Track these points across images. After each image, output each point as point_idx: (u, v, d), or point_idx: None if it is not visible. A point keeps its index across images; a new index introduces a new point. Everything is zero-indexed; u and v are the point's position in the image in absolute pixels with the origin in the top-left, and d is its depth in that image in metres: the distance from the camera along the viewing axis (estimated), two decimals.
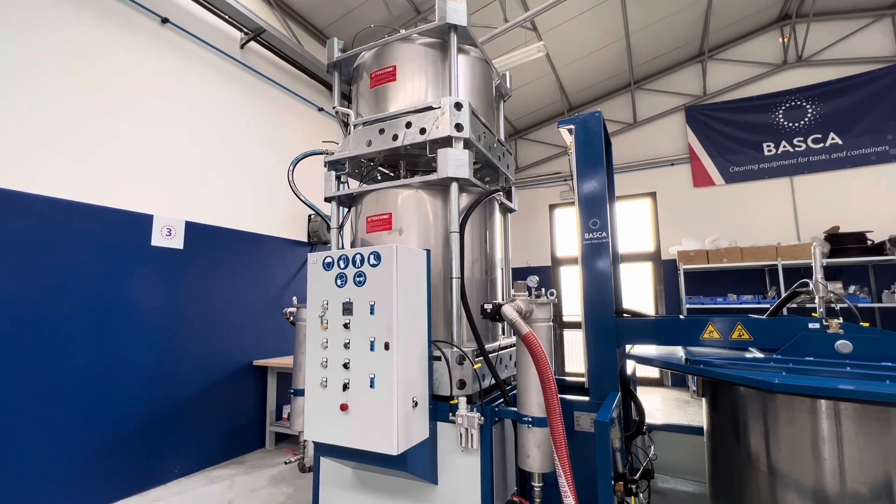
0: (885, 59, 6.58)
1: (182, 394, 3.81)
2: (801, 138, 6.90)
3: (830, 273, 6.01)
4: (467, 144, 2.67)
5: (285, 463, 3.25)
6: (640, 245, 8.00)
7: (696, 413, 5.70)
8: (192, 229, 4.01)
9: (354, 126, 2.96)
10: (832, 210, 6.57)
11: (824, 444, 1.75)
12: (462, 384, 2.41)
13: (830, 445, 1.74)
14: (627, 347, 2.62)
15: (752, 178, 7.16)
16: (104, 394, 3.29)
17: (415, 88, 2.88)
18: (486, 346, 2.59)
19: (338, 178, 3.08)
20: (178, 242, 3.87)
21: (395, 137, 2.74)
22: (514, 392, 2.43)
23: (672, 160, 7.79)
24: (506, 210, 3.47)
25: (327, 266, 2.37)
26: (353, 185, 3.16)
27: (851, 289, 6.00)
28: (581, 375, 2.73)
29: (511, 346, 3.04)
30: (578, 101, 8.68)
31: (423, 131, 2.65)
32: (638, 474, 2.30)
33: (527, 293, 2.38)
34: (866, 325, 2.05)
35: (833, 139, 6.72)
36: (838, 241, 6.04)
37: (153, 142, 3.79)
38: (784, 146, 6.99)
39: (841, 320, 1.97)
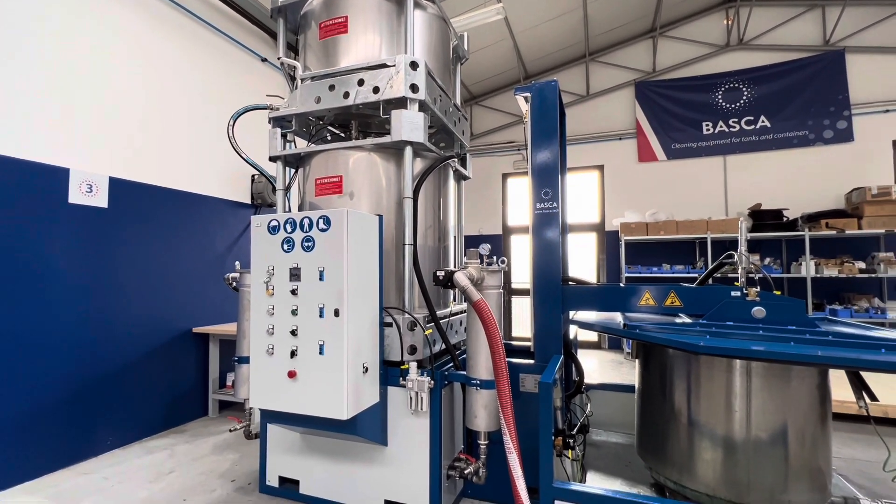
0: (812, 48, 7.06)
1: (113, 363, 3.56)
2: (736, 119, 7.36)
3: (750, 246, 6.61)
4: (422, 107, 2.59)
5: (230, 430, 3.18)
6: (587, 216, 8.32)
7: (628, 373, 6.20)
8: (118, 186, 3.64)
9: (302, 80, 2.76)
10: (757, 188, 7.15)
11: (736, 397, 1.97)
12: (413, 350, 2.44)
13: (741, 399, 1.96)
14: (571, 313, 2.76)
15: (691, 156, 7.57)
16: (21, 364, 3.00)
17: (368, 43, 2.72)
18: (438, 313, 2.62)
19: (284, 136, 2.90)
20: (101, 200, 3.51)
21: (346, 95, 2.59)
22: (464, 356, 2.50)
23: (620, 134, 8.05)
24: (460, 177, 3.45)
25: (273, 230, 2.25)
26: (301, 145, 2.99)
27: (766, 261, 6.65)
28: (527, 339, 2.85)
29: (462, 313, 3.10)
30: (535, 70, 8.64)
31: (376, 90, 2.53)
32: (575, 429, 2.48)
33: (479, 261, 2.41)
34: (778, 293, 2.28)
35: (763, 122, 7.22)
36: (759, 217, 6.62)
37: (67, 87, 3.33)
38: (721, 126, 7.43)
39: (758, 289, 2.18)
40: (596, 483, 2.38)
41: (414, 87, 2.51)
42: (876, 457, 3.33)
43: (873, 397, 2.04)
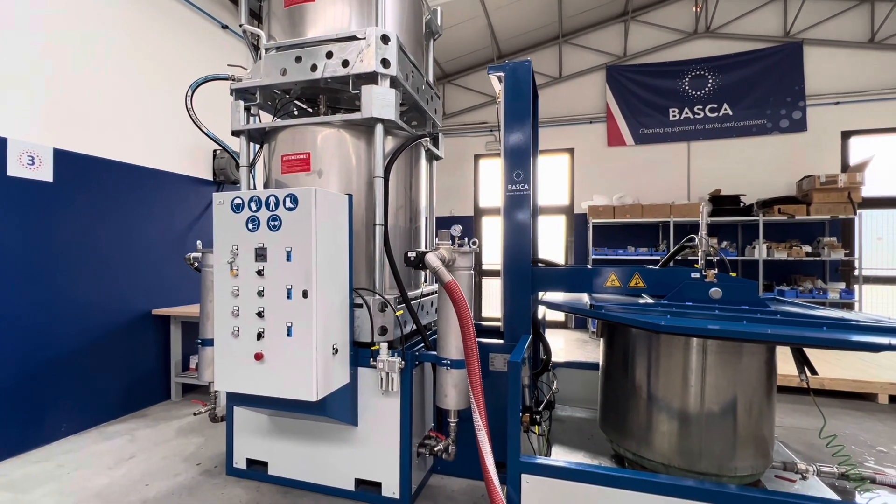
0: (773, 39, 7.31)
1: (64, 346, 3.38)
2: (701, 106, 7.57)
3: (709, 230, 6.89)
4: (394, 83, 2.51)
5: (194, 414, 3.10)
6: (556, 198, 8.45)
7: (593, 351, 6.44)
8: (65, 159, 3.38)
9: (266, 50, 2.62)
10: (717, 174, 7.44)
11: (692, 373, 2.08)
12: (384, 331, 2.43)
13: (696, 374, 2.07)
14: (540, 294, 2.81)
15: (657, 141, 7.77)
16: None
17: (336, 13, 2.60)
18: (409, 294, 2.61)
19: (247, 109, 2.76)
20: (45, 174, 3.25)
21: (313, 68, 2.48)
22: (435, 337, 2.51)
23: (591, 118, 8.14)
24: (432, 157, 3.40)
25: (236, 208, 2.16)
26: (266, 119, 2.86)
27: (724, 244, 6.98)
28: (497, 320, 2.89)
29: (433, 294, 3.11)
30: (508, 50, 8.56)
31: (345, 64, 2.43)
32: (542, 406, 2.56)
33: (450, 242, 2.41)
34: (734, 275, 2.40)
35: (725, 110, 7.46)
36: (718, 203, 6.91)
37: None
38: (686, 113, 7.63)
39: (716, 271, 2.28)
40: (560, 456, 2.47)
41: (385, 62, 2.42)
42: (813, 425, 3.63)
43: (813, 371, 2.20)
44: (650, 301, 2.32)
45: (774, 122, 7.22)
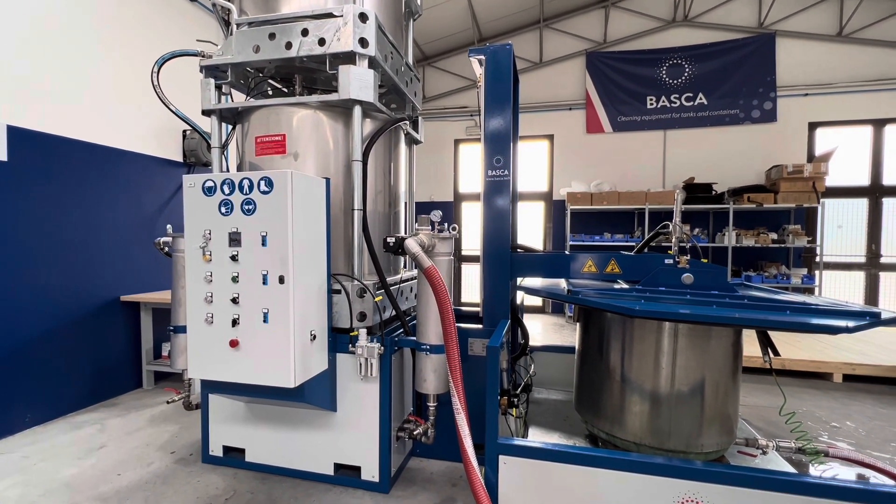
0: (747, 30, 7.44)
1: (26, 334, 3.23)
2: (677, 95, 7.69)
3: (682, 217, 7.08)
4: (372, 63, 2.45)
5: (168, 402, 3.02)
6: (535, 185, 8.49)
7: (569, 335, 6.59)
8: (21, 137, 3.18)
9: (237, 26, 2.50)
10: (691, 162, 7.61)
11: (663, 356, 2.15)
12: (363, 316, 2.41)
13: (668, 357, 2.14)
14: (518, 279, 2.84)
15: (635, 129, 7.87)
16: None
17: None
18: (388, 279, 2.60)
19: (218, 87, 2.64)
20: None
21: (288, 46, 2.39)
22: (414, 322, 2.52)
23: (570, 105, 8.16)
24: (412, 141, 3.35)
25: (208, 191, 2.08)
26: (239, 98, 2.75)
27: (696, 231, 7.19)
28: (476, 305, 2.92)
29: (412, 279, 3.10)
30: (490, 32, 8.45)
31: (321, 42, 2.35)
32: (519, 389, 2.61)
33: (430, 227, 2.39)
34: (705, 261, 2.47)
35: (701, 99, 7.60)
36: (692, 191, 7.09)
37: None
38: (663, 101, 7.74)
39: (689, 257, 2.35)
40: (537, 437, 2.54)
41: (363, 42, 2.35)
42: (773, 403, 3.83)
43: (776, 352, 2.30)
44: (625, 286, 2.37)
45: (747, 113, 7.40)
